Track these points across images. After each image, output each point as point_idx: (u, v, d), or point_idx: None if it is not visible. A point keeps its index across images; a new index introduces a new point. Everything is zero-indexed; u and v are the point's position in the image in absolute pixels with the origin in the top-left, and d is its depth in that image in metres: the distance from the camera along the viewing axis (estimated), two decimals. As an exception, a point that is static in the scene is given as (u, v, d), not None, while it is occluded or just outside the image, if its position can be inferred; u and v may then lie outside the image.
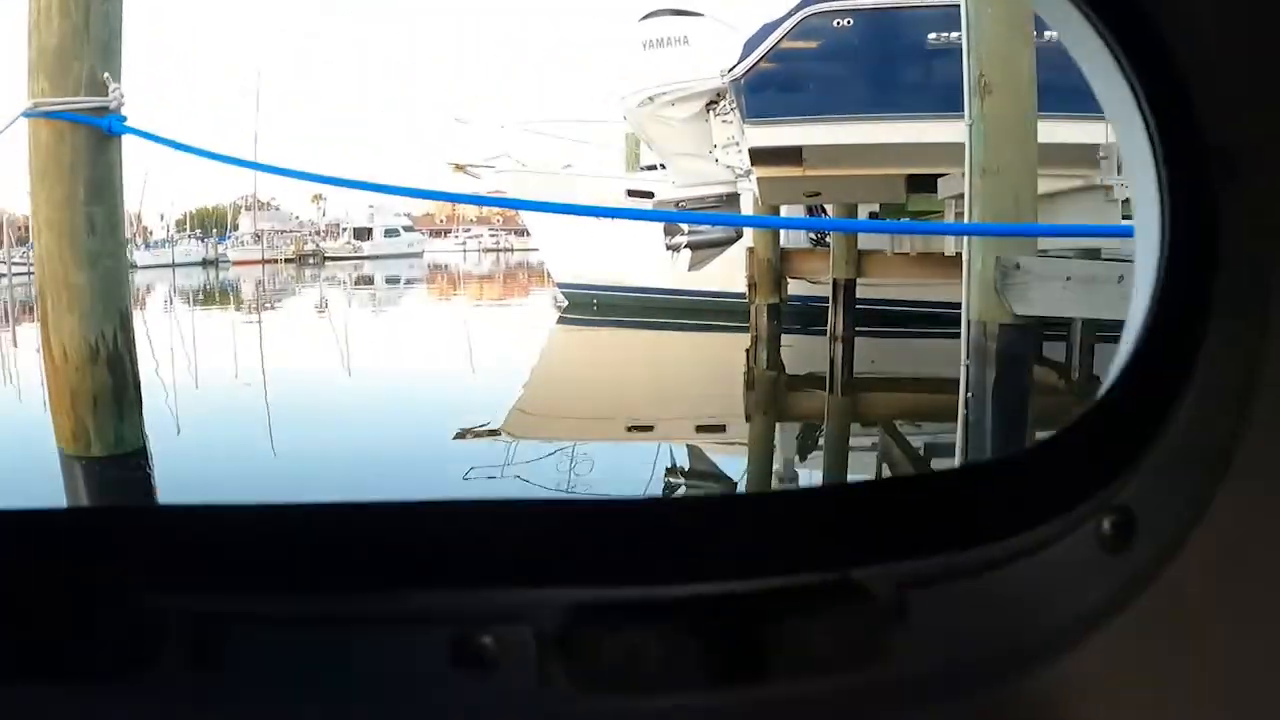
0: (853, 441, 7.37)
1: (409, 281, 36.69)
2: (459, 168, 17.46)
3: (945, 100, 5.96)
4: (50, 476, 3.89)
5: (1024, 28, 4.63)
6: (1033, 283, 4.61)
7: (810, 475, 6.29)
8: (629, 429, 7.83)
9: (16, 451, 6.08)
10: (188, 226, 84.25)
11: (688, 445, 7.00)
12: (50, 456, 3.86)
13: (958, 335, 6.22)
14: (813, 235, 13.15)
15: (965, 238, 4.95)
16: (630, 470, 6.30)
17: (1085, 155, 5.60)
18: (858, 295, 10.81)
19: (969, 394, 4.81)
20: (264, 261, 63.83)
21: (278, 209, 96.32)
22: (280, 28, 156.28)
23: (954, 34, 6.12)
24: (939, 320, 12.41)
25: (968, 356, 4.81)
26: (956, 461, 4.92)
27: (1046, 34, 4.97)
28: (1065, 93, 5.69)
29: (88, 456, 3.72)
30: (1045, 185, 4.89)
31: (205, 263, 64.99)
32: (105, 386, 3.74)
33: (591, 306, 17.17)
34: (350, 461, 6.34)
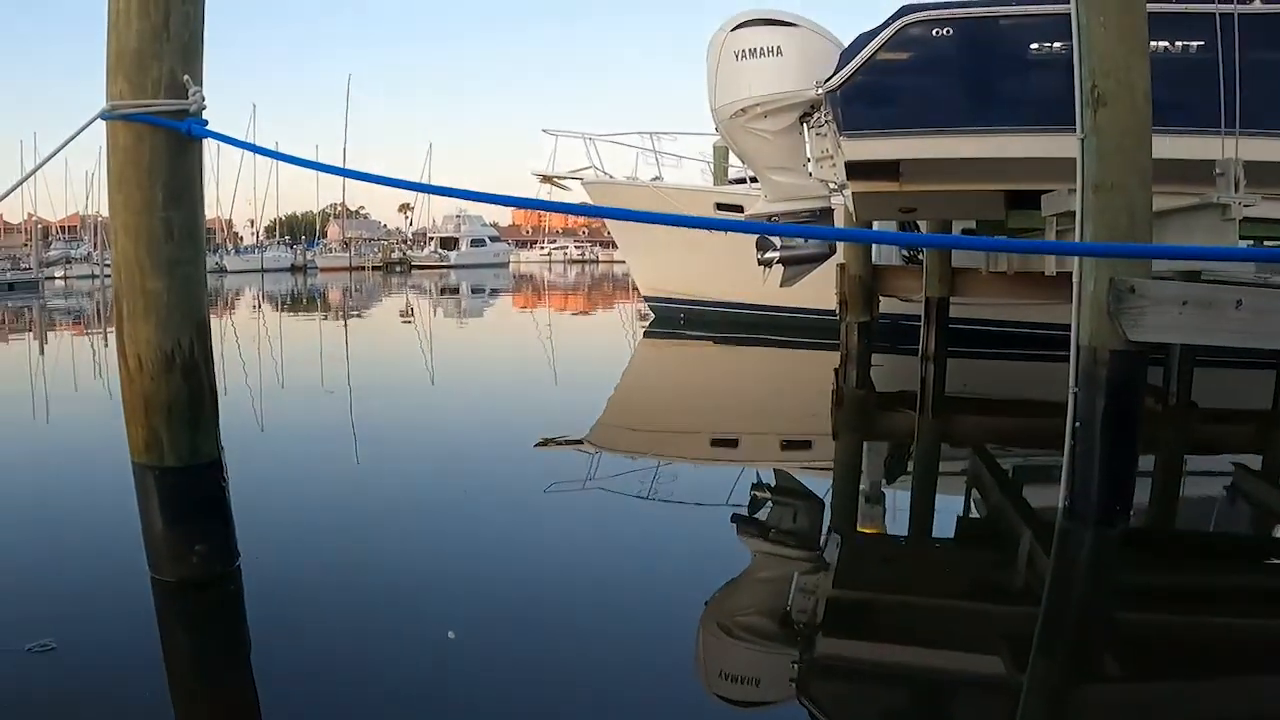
0: (942, 464, 7.12)
1: (494, 291, 36.95)
2: (546, 179, 17.53)
3: (1049, 113, 5.69)
4: (124, 487, 3.84)
5: (1138, 37, 4.38)
6: (1148, 307, 4.34)
7: (896, 496, 6.08)
8: (713, 443, 7.67)
9: (92, 459, 6.13)
10: (277, 233, 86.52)
11: (773, 465, 6.80)
12: (124, 465, 3.80)
13: (1053, 357, 5.96)
14: (905, 252, 12.89)
15: (1075, 258, 4.68)
16: (713, 484, 6.15)
17: (1200, 172, 5.29)
18: (951, 314, 10.55)
19: (1076, 423, 4.55)
20: (351, 268, 65.46)
21: (366, 217, 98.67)
22: (371, 36, 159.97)
23: (1058, 43, 5.85)
24: (1034, 341, 12.09)
25: (1076, 383, 4.55)
26: (1061, 494, 4.65)
27: (1157, 44, 4.71)
28: (1177, 105, 5.43)
29: (161, 466, 3.65)
30: (1156, 203, 4.61)
31: (293, 268, 66.79)
32: (180, 396, 3.66)
33: (679, 320, 17.04)
34: (431, 469, 6.31)
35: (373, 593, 3.93)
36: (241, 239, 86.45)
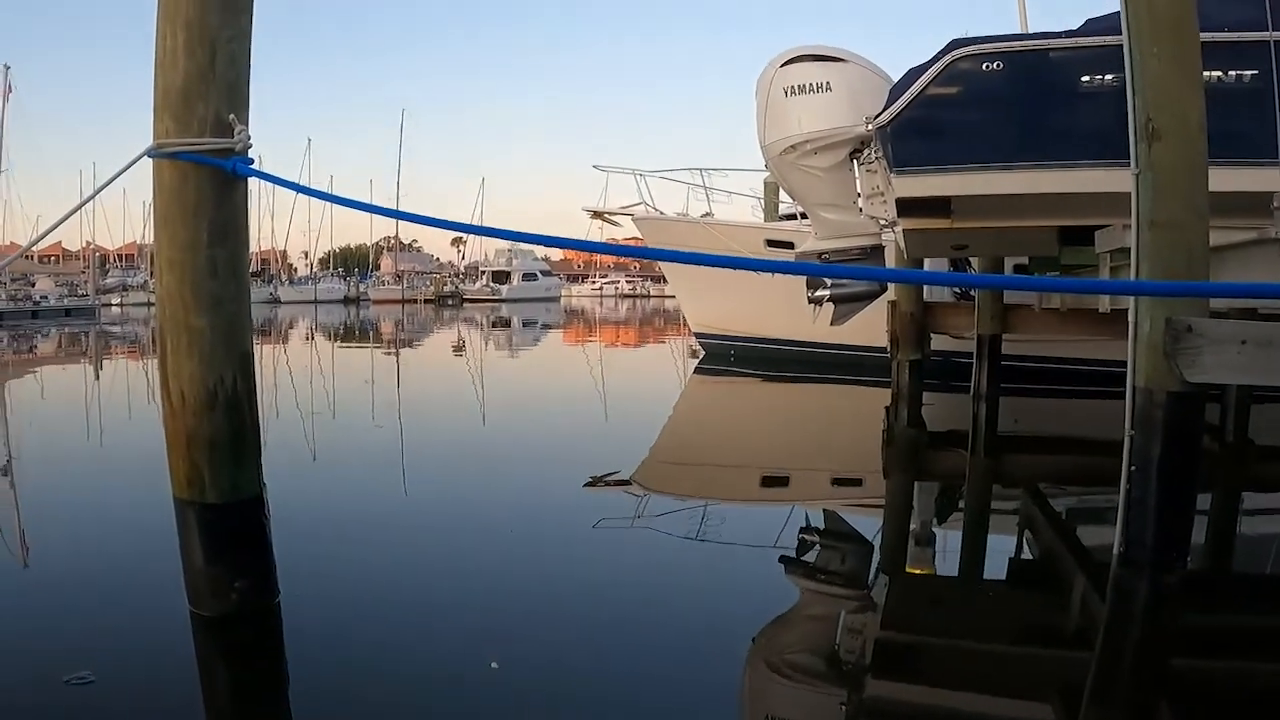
0: (994, 504, 7.00)
1: (545, 325, 37.16)
2: (597, 215, 17.60)
3: (1102, 147, 5.61)
4: (166, 519, 3.85)
5: (1192, 67, 4.27)
6: (1205, 347, 4.20)
7: (946, 537, 5.97)
8: (763, 482, 7.60)
9: (136, 490, 6.18)
10: (330, 265, 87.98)
11: (822, 505, 6.72)
12: (167, 499, 3.82)
13: (1106, 395, 5.81)
14: (956, 289, 12.76)
15: (1130, 297, 4.57)
16: (762, 523, 6.07)
17: (1257, 205, 5.17)
18: (1003, 351, 10.42)
19: (1132, 466, 4.42)
20: (403, 301, 66.33)
21: (419, 250, 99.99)
22: (424, 69, 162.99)
23: (1110, 76, 5.77)
24: (1088, 378, 11.90)
25: (1132, 425, 4.42)
26: (1116, 538, 4.52)
27: (1209, 74, 4.61)
28: (1232, 137, 5.31)
29: (202, 502, 3.65)
30: (1213, 238, 4.49)
31: (346, 300, 67.94)
32: (223, 432, 3.67)
33: (729, 357, 16.98)
34: (478, 505, 6.28)
35: (414, 628, 3.90)
36: (296, 270, 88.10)
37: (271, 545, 3.86)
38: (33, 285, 55.55)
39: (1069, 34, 6.34)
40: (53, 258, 77.22)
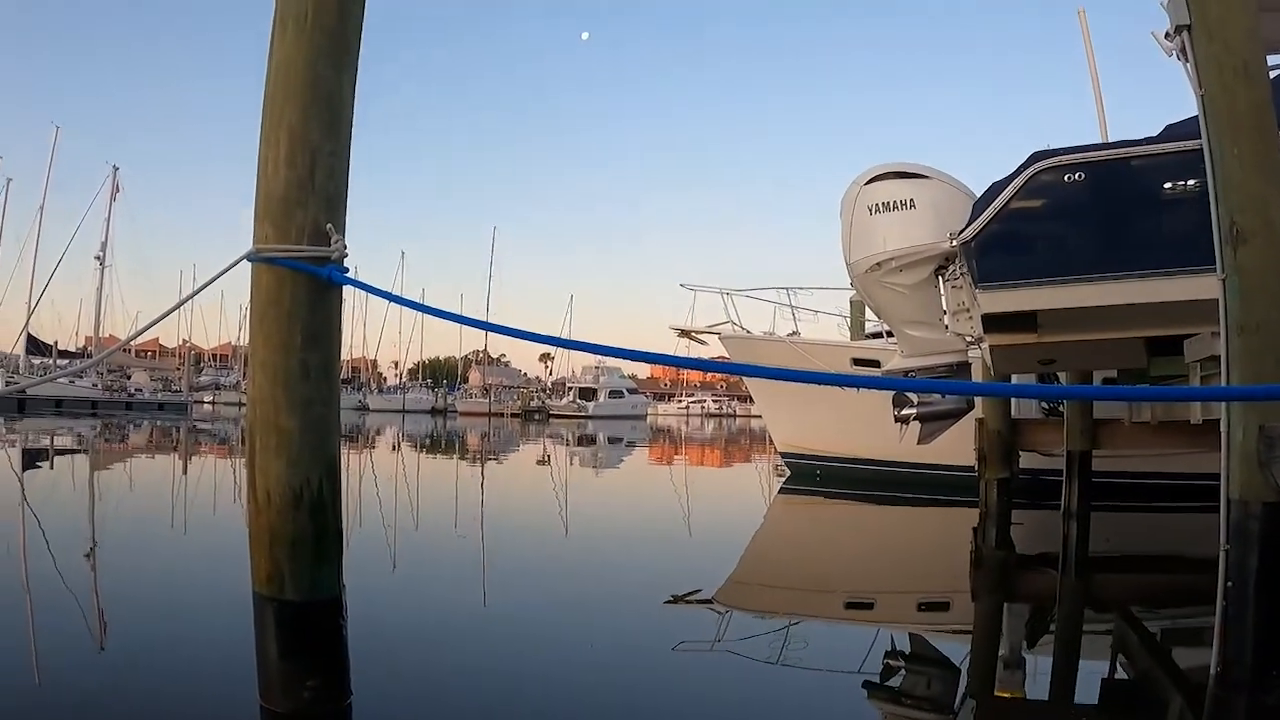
0: (1085, 626, 6.75)
1: (630, 443, 37.15)
2: (684, 333, 17.72)
3: (1188, 254, 5.52)
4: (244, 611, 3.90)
5: (1274, 167, 4.21)
6: (1302, 455, 4.06)
7: (1036, 661, 5.76)
8: (847, 605, 7.44)
9: (217, 581, 6.28)
10: (419, 375, 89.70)
11: (908, 628, 6.55)
12: (246, 594, 3.87)
13: (1201, 509, 5.60)
14: (1045, 404, 12.56)
15: (1223, 406, 4.44)
16: (846, 647, 5.92)
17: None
18: (1093, 468, 10.17)
19: (1228, 582, 4.24)
20: (490, 414, 67.12)
21: (507, 365, 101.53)
22: (513, 186, 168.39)
23: (1192, 180, 5.71)
24: (1183, 493, 11.53)
25: (1227, 539, 4.26)
26: (1213, 658, 4.32)
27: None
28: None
29: (281, 599, 3.70)
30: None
31: (433, 411, 69.07)
32: (306, 532, 3.73)
33: (815, 477, 16.80)
34: (557, 618, 6.21)
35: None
36: (385, 379, 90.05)
37: (347, 646, 3.88)
38: (128, 378, 58.18)
39: (1149, 141, 6.31)
40: (150, 353, 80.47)
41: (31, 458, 19.22)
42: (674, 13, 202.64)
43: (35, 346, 55.27)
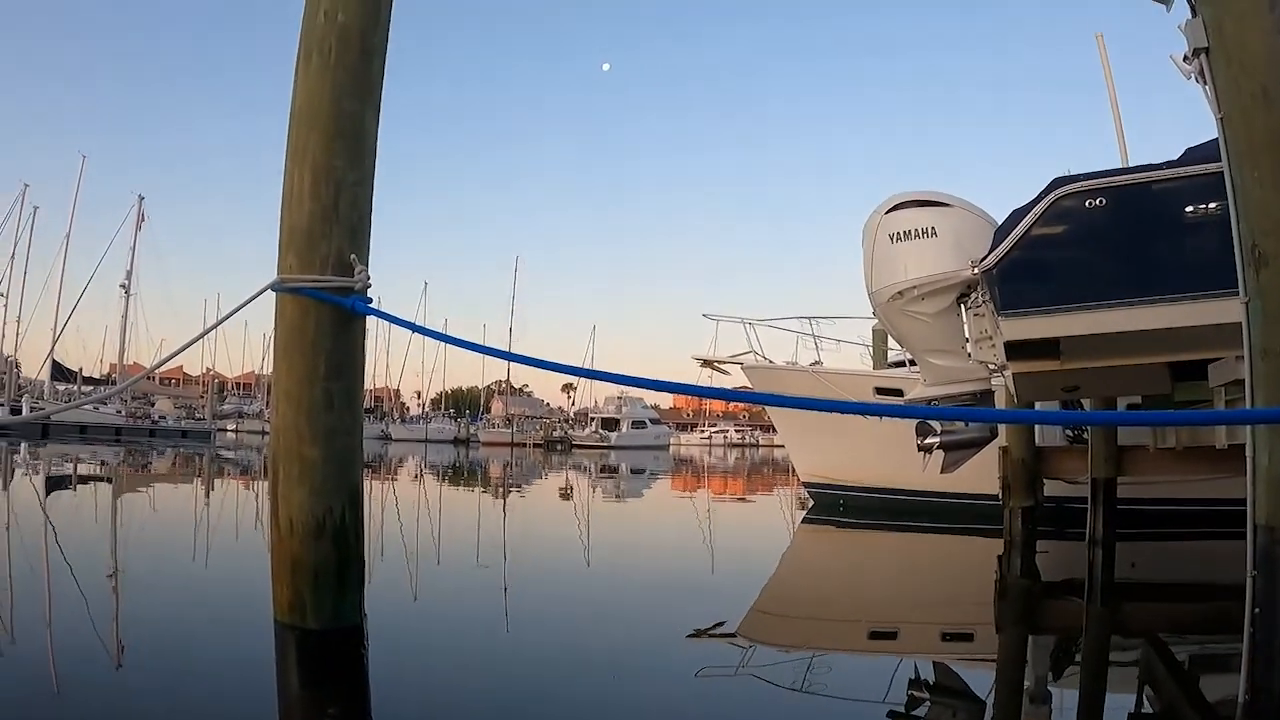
0: (1112, 655, 6.67)
1: (653, 473, 37.07)
2: (706, 363, 17.73)
3: (1210, 278, 5.49)
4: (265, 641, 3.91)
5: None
6: (1329, 481, 4.03)
7: (1062, 692, 5.69)
8: (870, 635, 7.38)
9: (238, 610, 6.28)
10: (442, 405, 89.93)
11: (932, 659, 6.49)
12: (266, 621, 3.88)
13: (1228, 535, 5.54)
14: (1069, 432, 12.48)
15: (1248, 430, 4.40)
16: (870, 678, 5.87)
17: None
18: (1118, 495, 10.08)
19: (1256, 609, 4.19)
20: (513, 444, 67.23)
21: (529, 395, 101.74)
22: (537, 215, 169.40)
23: (1213, 204, 5.68)
24: (1209, 519, 11.41)
25: (1254, 566, 4.21)
26: (1241, 686, 4.26)
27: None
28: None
29: (302, 628, 3.71)
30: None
31: (456, 440, 69.22)
32: (328, 561, 3.76)
33: (838, 506, 16.71)
34: (580, 649, 6.16)
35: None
36: (408, 409, 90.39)
37: (368, 674, 3.88)
38: (152, 405, 58.79)
39: (1169, 165, 6.29)
40: (174, 380, 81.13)
41: (56, 483, 19.36)
42: (690, 47, 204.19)
43: (60, 373, 56.05)
